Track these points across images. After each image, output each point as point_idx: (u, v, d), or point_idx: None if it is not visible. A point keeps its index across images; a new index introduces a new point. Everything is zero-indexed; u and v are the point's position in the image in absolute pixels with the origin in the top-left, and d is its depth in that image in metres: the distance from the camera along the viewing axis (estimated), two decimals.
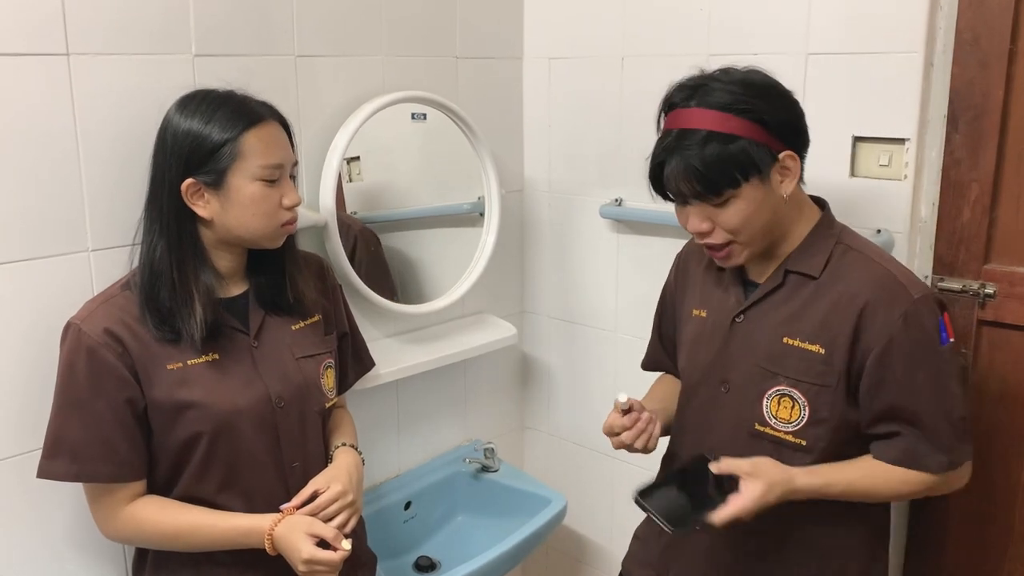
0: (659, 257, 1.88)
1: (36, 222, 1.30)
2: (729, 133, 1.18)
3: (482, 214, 1.93)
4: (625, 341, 1.99)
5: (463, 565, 1.63)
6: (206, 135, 1.21)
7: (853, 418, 1.25)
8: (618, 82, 1.88)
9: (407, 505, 1.88)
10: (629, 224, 1.93)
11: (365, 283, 1.70)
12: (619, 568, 1.57)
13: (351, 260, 1.68)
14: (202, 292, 1.25)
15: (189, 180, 1.22)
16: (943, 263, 1.54)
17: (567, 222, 2.06)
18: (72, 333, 1.22)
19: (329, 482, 1.30)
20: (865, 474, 1.24)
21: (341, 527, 1.26)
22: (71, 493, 1.35)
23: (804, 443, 1.25)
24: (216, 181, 1.22)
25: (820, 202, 1.33)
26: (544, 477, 2.10)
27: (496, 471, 2.00)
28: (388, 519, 1.83)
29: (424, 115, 1.81)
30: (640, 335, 1.94)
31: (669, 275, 1.54)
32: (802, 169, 1.27)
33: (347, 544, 1.24)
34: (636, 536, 1.55)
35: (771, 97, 1.22)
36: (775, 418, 1.26)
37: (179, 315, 1.23)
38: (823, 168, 1.59)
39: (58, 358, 1.23)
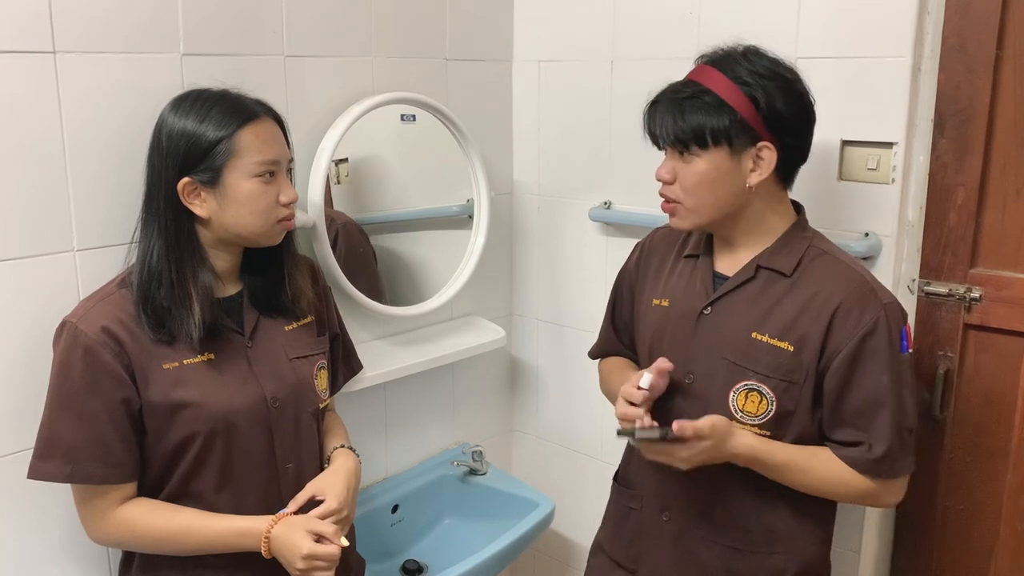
0: None
1: (21, 221, 1.29)
2: (723, 99, 1.23)
3: (471, 216, 1.93)
4: None
5: (450, 568, 1.62)
6: (201, 134, 1.21)
7: (817, 413, 1.29)
8: (608, 85, 1.88)
9: (394, 508, 1.87)
10: (618, 227, 1.93)
11: (347, 279, 1.69)
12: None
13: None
14: (200, 292, 1.24)
15: (186, 179, 1.22)
16: (930, 267, 1.55)
17: (556, 225, 2.06)
18: (68, 331, 1.20)
19: (326, 489, 1.29)
20: (810, 457, 1.28)
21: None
22: (57, 493, 1.33)
23: (768, 434, 1.28)
24: (212, 179, 1.22)
25: (797, 206, 1.36)
26: (532, 480, 2.10)
27: (484, 474, 2.00)
28: (376, 522, 1.82)
29: (413, 117, 1.80)
30: None
31: (629, 261, 1.55)
32: (789, 177, 1.31)
33: (344, 540, 1.24)
34: (599, 548, 1.54)
35: (782, 89, 1.24)
36: (741, 411, 1.29)
37: (177, 315, 1.22)
38: (811, 171, 1.59)
39: (52, 357, 1.22)
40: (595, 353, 1.63)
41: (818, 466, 1.28)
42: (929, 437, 1.58)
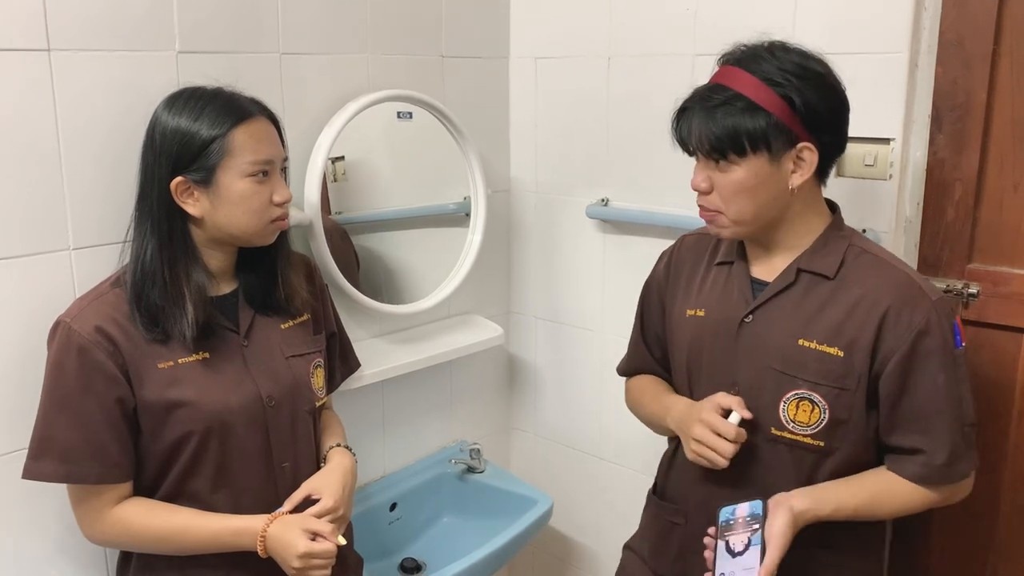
0: (645, 257, 1.87)
1: (16, 220, 1.28)
2: (756, 102, 1.16)
3: (468, 214, 1.92)
4: (611, 341, 1.98)
5: (449, 567, 1.62)
6: (194, 132, 1.20)
7: (872, 420, 1.24)
8: (604, 82, 1.88)
9: (392, 506, 1.87)
10: (615, 224, 1.93)
11: (344, 277, 1.68)
12: (604, 568, 1.55)
13: None
14: (193, 291, 1.24)
15: (179, 178, 1.21)
16: (927, 263, 1.55)
17: (553, 222, 2.06)
18: (62, 331, 1.20)
19: (322, 488, 1.29)
20: (875, 495, 1.22)
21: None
22: (53, 494, 1.33)
23: (822, 445, 1.23)
24: (206, 179, 1.21)
25: (832, 205, 1.31)
26: (530, 478, 2.10)
27: (482, 472, 1.99)
28: (373, 520, 1.82)
29: (410, 114, 1.80)
30: (627, 335, 1.94)
31: (657, 270, 1.49)
32: (826, 172, 1.26)
33: (341, 539, 1.24)
34: (639, 557, 1.49)
35: (816, 86, 1.18)
36: (793, 422, 1.23)
37: (170, 314, 1.22)
38: None
39: (46, 357, 1.22)
40: (625, 370, 1.56)
41: (886, 501, 1.23)
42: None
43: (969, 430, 1.22)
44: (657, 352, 1.49)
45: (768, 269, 1.29)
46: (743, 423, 1.23)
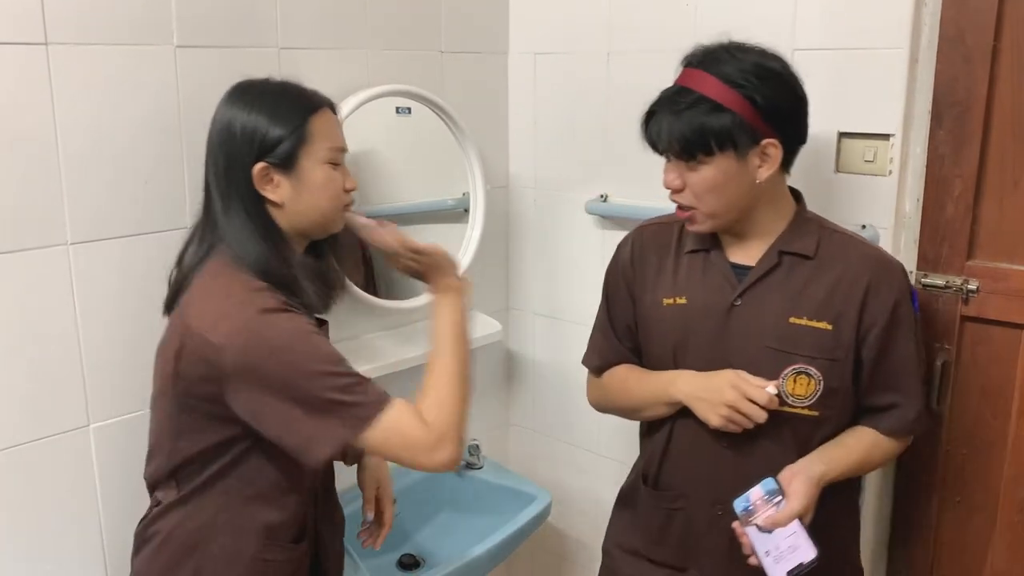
0: None
1: (13, 214, 1.28)
2: (720, 103, 1.22)
3: (467, 210, 1.92)
4: None
5: (447, 563, 1.62)
6: (275, 122, 1.22)
7: (854, 385, 1.33)
8: (604, 77, 1.88)
9: None
10: (615, 220, 1.92)
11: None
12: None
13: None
14: (307, 269, 1.28)
15: (261, 164, 1.22)
16: (927, 259, 1.55)
17: (552, 218, 2.05)
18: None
19: (383, 480, 1.45)
20: (864, 452, 1.33)
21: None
22: (51, 489, 1.33)
23: (817, 414, 1.31)
24: (287, 164, 1.23)
25: (795, 193, 1.38)
26: (529, 474, 2.09)
27: (480, 468, 1.99)
28: None
29: (409, 109, 1.79)
30: None
31: (621, 263, 1.50)
32: (790, 162, 1.31)
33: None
34: (618, 546, 1.52)
35: (775, 84, 1.24)
36: (791, 396, 1.30)
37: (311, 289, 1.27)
38: (808, 163, 1.59)
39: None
40: (600, 365, 1.52)
41: (874, 455, 1.35)
42: (926, 429, 1.58)
43: (924, 386, 1.38)
44: (628, 343, 1.50)
45: (745, 254, 1.35)
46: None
